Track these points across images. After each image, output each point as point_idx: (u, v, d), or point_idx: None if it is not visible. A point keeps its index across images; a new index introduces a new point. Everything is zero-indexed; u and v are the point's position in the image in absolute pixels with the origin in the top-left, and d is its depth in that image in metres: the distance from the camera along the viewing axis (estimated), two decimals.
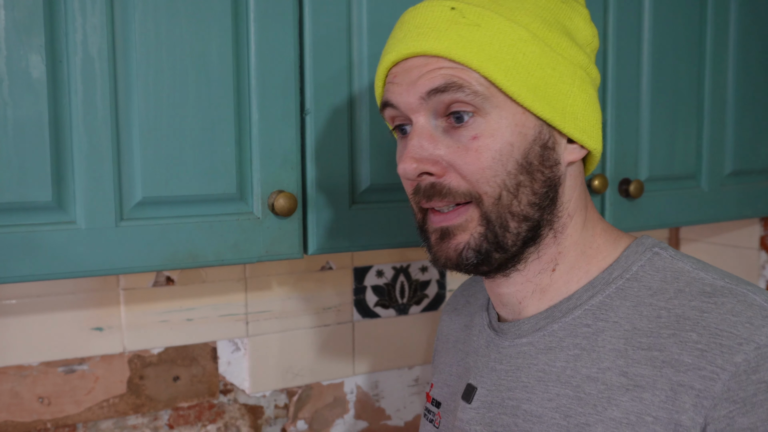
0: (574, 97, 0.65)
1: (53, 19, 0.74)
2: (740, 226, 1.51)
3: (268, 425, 1.25)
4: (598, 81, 0.70)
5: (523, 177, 0.64)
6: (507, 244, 0.65)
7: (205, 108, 0.82)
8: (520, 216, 0.65)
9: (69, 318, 1.09)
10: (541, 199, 0.65)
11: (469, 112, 0.64)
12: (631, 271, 0.67)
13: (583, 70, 0.67)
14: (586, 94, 0.67)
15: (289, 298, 1.25)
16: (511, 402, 0.70)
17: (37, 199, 0.75)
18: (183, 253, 0.82)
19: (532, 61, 0.63)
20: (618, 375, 0.63)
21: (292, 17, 0.85)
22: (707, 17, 1.18)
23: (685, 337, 0.61)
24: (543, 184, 0.65)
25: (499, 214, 0.64)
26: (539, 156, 0.64)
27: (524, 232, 0.65)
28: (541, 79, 0.63)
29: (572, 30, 0.67)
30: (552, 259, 0.69)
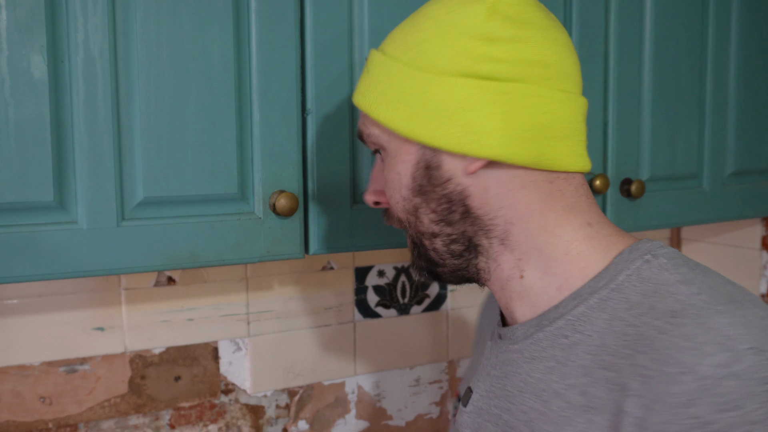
0: (450, 110, 0.64)
1: (55, 19, 0.74)
2: (742, 226, 1.51)
3: (269, 425, 1.25)
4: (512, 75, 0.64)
5: (419, 199, 0.68)
6: (435, 259, 0.70)
7: (207, 108, 0.82)
8: (427, 234, 0.69)
9: (70, 318, 1.09)
10: (444, 214, 0.68)
11: (378, 148, 0.71)
12: (616, 280, 0.63)
13: (465, 77, 0.64)
14: (468, 102, 0.64)
15: (290, 298, 1.25)
16: (496, 410, 0.69)
17: (38, 199, 0.75)
18: (184, 253, 0.82)
19: (403, 91, 0.66)
20: (579, 394, 0.61)
21: (293, 17, 0.85)
22: (709, 17, 1.18)
23: (638, 360, 0.57)
24: (440, 201, 0.67)
25: (415, 235, 0.71)
26: (426, 177, 0.67)
27: (442, 246, 0.69)
28: (413, 105, 0.66)
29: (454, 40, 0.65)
30: (514, 266, 0.67)
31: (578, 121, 0.67)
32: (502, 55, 0.64)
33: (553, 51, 0.66)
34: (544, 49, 0.65)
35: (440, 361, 1.40)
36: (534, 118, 0.64)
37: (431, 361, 1.39)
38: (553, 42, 0.66)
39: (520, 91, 0.64)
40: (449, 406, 0.84)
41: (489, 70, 0.64)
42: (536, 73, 0.64)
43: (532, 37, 0.65)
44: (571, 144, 0.67)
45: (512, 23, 0.64)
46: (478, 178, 0.66)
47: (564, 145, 0.66)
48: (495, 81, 0.64)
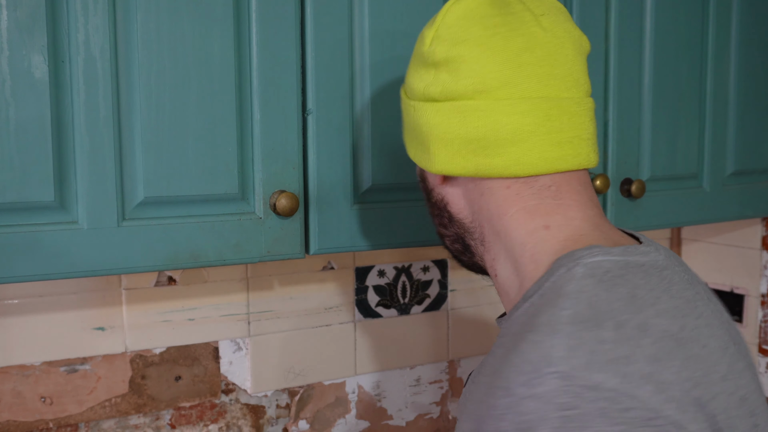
0: (414, 131, 0.73)
1: (55, 19, 0.74)
2: (742, 226, 1.51)
3: (269, 425, 1.25)
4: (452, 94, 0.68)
5: (428, 205, 0.79)
6: (453, 254, 0.79)
7: (207, 108, 0.82)
8: (439, 234, 0.79)
9: (71, 318, 1.09)
10: (440, 219, 0.77)
11: None
12: (543, 287, 0.62)
13: (418, 100, 0.72)
14: (420, 123, 0.72)
15: (290, 298, 1.25)
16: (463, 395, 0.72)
17: (39, 199, 0.75)
18: (185, 253, 0.82)
19: (402, 114, 0.77)
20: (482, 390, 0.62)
21: (294, 17, 0.85)
22: (709, 17, 1.18)
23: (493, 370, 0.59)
24: (433, 207, 0.77)
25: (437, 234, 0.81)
26: (423, 187, 0.79)
27: (449, 245, 0.78)
28: (405, 126, 0.77)
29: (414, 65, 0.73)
30: (491, 265, 0.72)
31: (537, 123, 0.66)
32: (442, 76, 0.69)
33: (490, 62, 0.66)
34: (477, 63, 0.66)
35: (440, 361, 1.40)
36: (469, 132, 0.68)
37: (431, 361, 1.39)
38: (493, 52, 0.66)
39: (454, 109, 0.68)
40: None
41: (432, 92, 0.70)
42: (472, 88, 0.67)
43: (466, 54, 0.67)
44: (525, 148, 0.66)
45: (447, 45, 0.68)
46: (448, 188, 0.74)
47: (511, 152, 0.66)
48: (436, 102, 0.70)
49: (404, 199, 0.95)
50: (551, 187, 0.67)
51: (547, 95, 0.67)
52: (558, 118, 0.67)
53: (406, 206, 0.95)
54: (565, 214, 0.67)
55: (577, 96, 0.68)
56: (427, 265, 1.37)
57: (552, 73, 0.67)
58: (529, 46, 0.67)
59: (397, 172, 0.93)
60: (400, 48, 0.92)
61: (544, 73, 0.67)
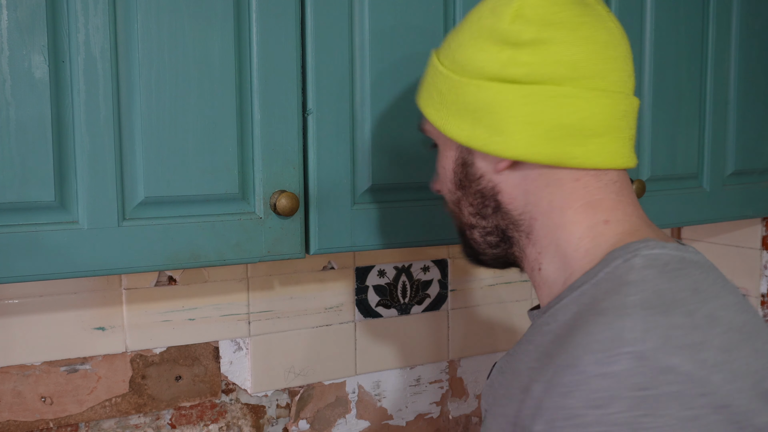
0: (479, 112, 0.69)
1: (56, 19, 0.75)
2: (742, 225, 1.51)
3: (269, 425, 1.25)
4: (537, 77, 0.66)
5: (460, 193, 0.74)
6: (476, 248, 0.76)
7: (208, 108, 0.82)
8: (468, 225, 0.75)
9: (71, 318, 1.09)
10: (479, 208, 0.73)
11: (434, 142, 0.78)
12: (596, 277, 0.64)
13: (491, 80, 0.67)
14: (495, 104, 0.67)
15: (290, 297, 1.25)
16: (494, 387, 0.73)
17: (39, 198, 0.75)
18: (185, 253, 0.82)
19: (442, 93, 0.72)
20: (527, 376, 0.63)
21: (294, 17, 0.85)
22: (709, 17, 1.18)
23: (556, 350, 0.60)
24: (475, 196, 0.73)
25: (459, 225, 0.77)
26: (463, 173, 0.73)
27: (479, 237, 0.75)
28: (450, 106, 0.71)
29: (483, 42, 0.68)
30: (535, 258, 0.71)
31: (616, 118, 0.68)
32: (525, 58, 0.66)
33: (582, 50, 0.66)
34: (571, 49, 0.66)
35: (440, 360, 1.40)
36: (558, 119, 0.66)
37: (432, 360, 1.39)
38: (584, 40, 0.67)
39: (543, 93, 0.66)
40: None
41: (513, 73, 0.67)
42: (561, 73, 0.66)
43: (556, 38, 0.66)
44: (605, 141, 0.68)
45: (535, 26, 0.66)
46: (506, 175, 0.70)
47: (594, 143, 0.67)
48: (519, 84, 0.67)
49: (404, 199, 0.95)
50: (616, 182, 0.70)
51: (624, 92, 0.69)
52: (630, 116, 0.70)
53: (406, 206, 0.95)
54: (624, 210, 0.69)
55: (633, 95, 0.71)
56: (427, 265, 1.37)
57: (626, 71, 0.70)
58: (612, 41, 0.68)
59: (397, 172, 0.93)
60: (400, 48, 0.92)
61: (622, 70, 0.69)
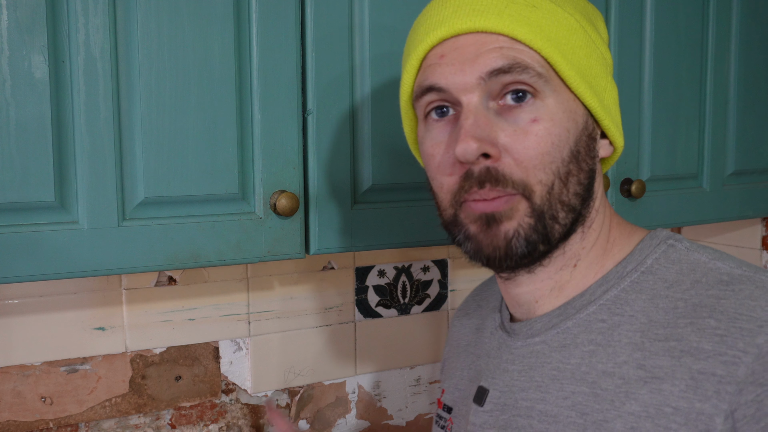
0: (609, 91, 0.66)
1: (56, 19, 0.75)
2: (742, 226, 1.51)
3: (270, 425, 1.25)
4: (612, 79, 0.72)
5: (573, 166, 0.63)
6: (554, 235, 0.64)
7: (207, 108, 0.82)
8: (568, 206, 0.63)
9: (71, 318, 1.09)
10: (585, 190, 0.64)
11: (530, 93, 0.61)
12: (645, 264, 0.66)
13: (610, 67, 0.69)
14: (615, 91, 0.69)
15: (291, 297, 1.25)
16: (525, 402, 0.68)
17: (39, 199, 0.75)
18: (185, 253, 0.82)
19: (580, 49, 0.62)
20: (635, 368, 0.62)
21: (294, 17, 0.85)
22: (709, 17, 1.18)
23: (703, 324, 0.59)
24: (586, 174, 0.64)
25: (551, 204, 0.62)
26: (586, 145, 0.64)
27: (569, 223, 0.64)
28: (587, 69, 0.63)
29: (599, 29, 0.69)
30: (575, 254, 0.68)
31: None
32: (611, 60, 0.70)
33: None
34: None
35: (440, 360, 1.40)
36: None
37: (432, 360, 1.39)
38: None
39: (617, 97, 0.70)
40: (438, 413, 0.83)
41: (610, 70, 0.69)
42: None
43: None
44: None
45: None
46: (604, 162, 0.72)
47: None
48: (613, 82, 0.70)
49: (404, 199, 0.95)
50: None
51: None
52: None
53: (406, 206, 0.95)
54: None
55: None
56: (427, 265, 1.37)
57: None
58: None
59: (397, 172, 0.93)
60: (400, 48, 0.92)
61: None
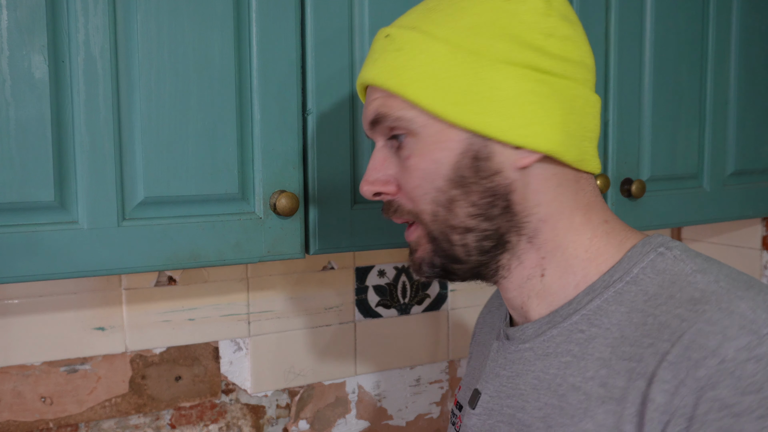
0: (511, 100, 0.62)
1: (55, 19, 0.75)
2: (742, 226, 1.51)
3: (269, 425, 1.25)
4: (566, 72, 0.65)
5: (456, 191, 0.64)
6: (459, 256, 0.66)
7: (207, 108, 0.82)
8: (461, 228, 0.65)
9: (71, 318, 1.09)
10: (485, 209, 0.65)
11: (402, 134, 0.66)
12: (631, 273, 0.63)
13: (526, 68, 0.63)
14: (531, 93, 0.63)
15: (290, 298, 1.25)
16: (509, 410, 0.69)
17: (39, 198, 0.75)
18: (185, 253, 0.82)
19: (452, 75, 0.63)
20: (598, 386, 0.61)
21: (294, 17, 0.85)
22: (709, 17, 1.18)
23: (662, 348, 0.57)
24: (482, 195, 0.64)
25: (440, 230, 0.66)
26: (471, 168, 0.64)
27: (473, 242, 0.66)
28: (464, 90, 0.63)
29: (513, 28, 0.63)
30: (536, 264, 0.67)
31: (600, 121, 0.69)
32: (556, 51, 0.64)
33: (589, 52, 0.68)
34: (585, 50, 0.67)
35: (440, 360, 1.40)
36: (581, 118, 0.66)
37: (432, 360, 1.39)
38: (587, 42, 0.68)
39: (572, 90, 0.65)
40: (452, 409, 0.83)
41: (547, 64, 0.63)
42: (581, 73, 0.66)
43: (578, 37, 0.66)
44: (595, 145, 0.69)
45: (567, 22, 0.66)
46: (525, 173, 0.65)
47: (592, 146, 0.68)
48: (552, 76, 0.64)
49: None
50: (596, 185, 0.71)
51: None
52: None
53: None
54: (609, 209, 0.70)
55: None
56: None
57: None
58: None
59: None
60: None
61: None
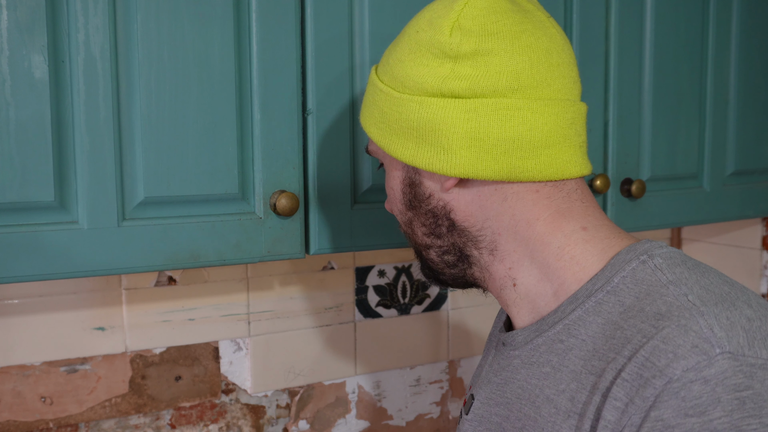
0: (421, 130, 0.66)
1: (55, 19, 0.75)
2: (742, 226, 1.51)
3: (269, 425, 1.25)
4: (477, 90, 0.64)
5: (411, 213, 0.71)
6: (434, 268, 0.73)
7: (207, 108, 0.82)
8: (423, 245, 0.72)
9: (71, 318, 1.09)
10: (432, 228, 0.70)
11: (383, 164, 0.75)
12: (612, 283, 0.62)
13: (432, 96, 0.65)
14: (437, 122, 0.64)
15: (290, 298, 1.25)
16: (496, 418, 0.69)
17: (39, 199, 0.75)
18: (185, 253, 0.82)
19: (384, 112, 0.69)
20: (568, 400, 0.60)
21: (294, 17, 0.85)
22: (709, 17, 1.18)
23: (620, 364, 0.56)
24: (426, 216, 0.70)
25: (414, 246, 0.74)
26: (411, 193, 0.70)
27: (436, 257, 0.72)
28: (392, 126, 0.68)
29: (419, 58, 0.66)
30: (505, 275, 0.68)
31: (564, 126, 0.65)
32: (466, 71, 0.64)
33: (524, 59, 0.64)
34: (511, 59, 0.63)
35: (440, 360, 1.40)
36: (504, 132, 0.63)
37: (432, 360, 1.39)
38: (525, 49, 0.64)
39: (486, 107, 0.63)
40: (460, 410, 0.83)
41: (454, 87, 0.64)
42: (504, 85, 0.63)
43: (496, 48, 0.63)
44: (556, 151, 0.65)
45: (475, 37, 0.64)
46: (457, 193, 0.67)
47: (545, 155, 0.65)
48: (462, 99, 0.64)
49: None
50: (577, 190, 0.67)
51: (570, 98, 0.67)
52: (578, 122, 0.67)
53: None
54: (594, 215, 0.67)
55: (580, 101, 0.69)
56: None
57: (571, 77, 0.67)
58: (554, 47, 0.66)
59: None
60: None
61: (567, 76, 0.67)
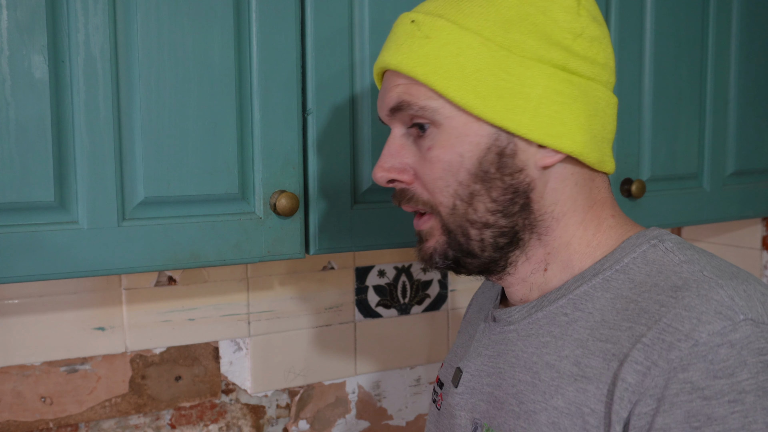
0: (539, 99, 0.63)
1: (55, 19, 0.75)
2: (742, 226, 1.51)
3: (269, 425, 1.25)
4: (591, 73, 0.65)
5: (478, 186, 0.65)
6: (474, 250, 0.67)
7: (207, 108, 0.82)
8: (479, 223, 0.66)
9: (71, 318, 1.09)
10: (504, 206, 0.65)
11: (426, 123, 0.65)
12: (621, 262, 0.65)
13: (555, 67, 0.63)
14: (559, 94, 0.63)
15: (290, 298, 1.25)
16: (488, 388, 0.70)
17: (39, 198, 0.75)
18: (185, 253, 0.82)
19: (482, 68, 0.62)
20: (572, 364, 0.62)
21: (294, 17, 0.85)
22: (709, 17, 1.18)
23: (638, 332, 0.58)
24: (504, 191, 0.65)
25: (458, 223, 0.66)
26: (495, 164, 0.64)
27: (490, 238, 0.66)
28: (493, 85, 0.62)
29: (545, 26, 0.63)
30: (541, 260, 0.68)
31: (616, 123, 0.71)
32: (584, 52, 0.65)
33: (612, 54, 0.68)
34: (609, 52, 0.68)
35: (440, 360, 1.40)
36: (603, 120, 0.67)
37: (431, 360, 1.39)
38: (611, 44, 0.69)
39: (596, 92, 0.66)
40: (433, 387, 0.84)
41: (575, 64, 0.64)
42: (604, 75, 0.67)
43: (604, 39, 0.67)
44: (611, 146, 0.70)
45: (596, 23, 0.67)
46: (546, 171, 0.65)
47: (610, 147, 0.69)
48: (579, 77, 0.65)
49: None
50: (608, 183, 0.72)
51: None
52: None
53: None
54: (617, 205, 0.71)
55: None
56: None
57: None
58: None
59: None
60: None
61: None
